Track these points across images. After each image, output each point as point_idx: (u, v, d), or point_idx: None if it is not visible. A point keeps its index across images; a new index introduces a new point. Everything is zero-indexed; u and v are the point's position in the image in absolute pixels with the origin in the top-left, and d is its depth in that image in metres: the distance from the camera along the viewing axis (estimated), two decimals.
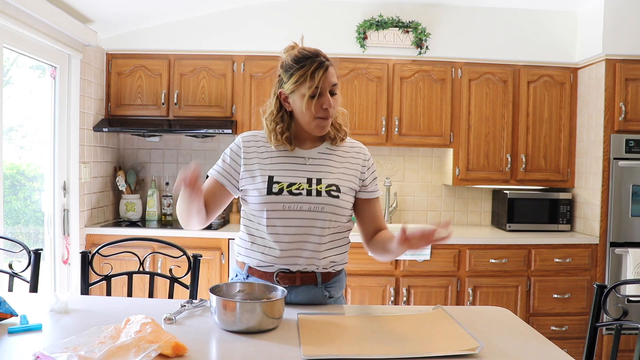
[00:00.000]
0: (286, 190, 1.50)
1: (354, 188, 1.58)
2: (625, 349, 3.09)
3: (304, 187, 1.50)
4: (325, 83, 1.47)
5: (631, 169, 3.30)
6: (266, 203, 1.50)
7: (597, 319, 1.59)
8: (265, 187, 1.51)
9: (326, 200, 1.50)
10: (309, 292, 1.56)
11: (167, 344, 1.12)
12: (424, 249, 1.33)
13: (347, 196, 1.55)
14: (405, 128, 3.55)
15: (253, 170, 1.55)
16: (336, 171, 1.56)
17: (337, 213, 1.52)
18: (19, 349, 1.18)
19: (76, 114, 3.22)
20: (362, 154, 1.63)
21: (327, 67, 1.47)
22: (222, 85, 3.52)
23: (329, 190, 1.52)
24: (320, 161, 1.57)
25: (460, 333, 1.32)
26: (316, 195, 1.50)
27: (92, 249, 2.58)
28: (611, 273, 3.31)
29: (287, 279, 1.54)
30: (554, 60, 3.58)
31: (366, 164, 1.62)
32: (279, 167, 1.54)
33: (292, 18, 3.54)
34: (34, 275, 1.83)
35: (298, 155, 1.57)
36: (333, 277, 1.60)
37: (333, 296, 1.60)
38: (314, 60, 1.47)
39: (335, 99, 1.51)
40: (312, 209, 1.50)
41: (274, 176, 1.52)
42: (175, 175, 3.86)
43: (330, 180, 1.53)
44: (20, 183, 3.01)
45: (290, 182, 1.51)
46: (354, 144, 1.65)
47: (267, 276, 1.55)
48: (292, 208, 1.49)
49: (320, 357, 1.16)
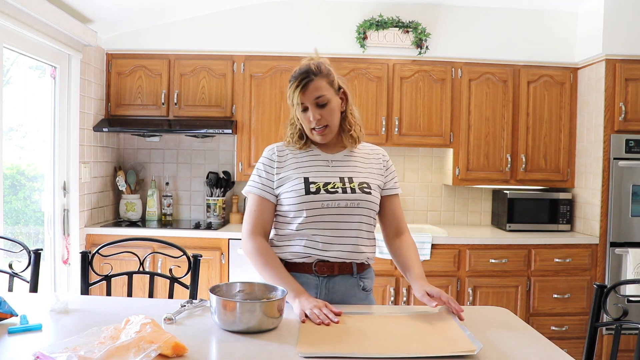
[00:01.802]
0: (323, 190, 1.60)
1: (380, 186, 1.70)
2: (625, 349, 3.09)
3: (338, 186, 1.61)
4: (306, 99, 1.60)
5: (631, 169, 3.30)
6: (305, 202, 1.59)
7: (597, 319, 1.59)
8: (303, 187, 1.60)
9: (361, 197, 1.61)
10: (346, 282, 1.64)
11: (167, 344, 1.12)
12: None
13: (376, 192, 1.67)
14: (405, 128, 3.55)
15: (287, 175, 1.64)
16: (364, 171, 1.68)
17: (371, 208, 1.63)
18: (19, 349, 1.18)
19: (76, 114, 3.22)
20: (381, 155, 1.76)
21: (305, 84, 1.58)
22: (222, 85, 3.52)
23: (362, 187, 1.63)
24: (347, 163, 1.69)
25: (459, 333, 1.32)
26: (351, 192, 1.61)
27: (92, 249, 2.58)
28: (611, 273, 3.31)
29: (325, 268, 1.61)
30: (554, 60, 3.58)
31: (385, 163, 1.74)
32: (311, 169, 1.65)
33: (292, 18, 3.54)
34: (34, 275, 1.83)
35: (325, 158, 1.68)
36: (366, 268, 1.69)
37: (366, 288, 1.68)
38: (296, 79, 1.60)
39: (326, 110, 1.61)
40: (349, 205, 1.59)
41: (309, 177, 1.62)
42: (175, 175, 3.86)
43: (361, 178, 1.66)
44: (20, 183, 3.01)
45: (325, 182, 1.62)
46: (374, 148, 1.78)
47: (306, 268, 1.61)
48: (330, 205, 1.59)
49: (316, 354, 1.17)
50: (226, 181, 3.74)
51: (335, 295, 1.62)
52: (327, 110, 1.61)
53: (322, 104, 1.60)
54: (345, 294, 1.63)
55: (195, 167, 3.88)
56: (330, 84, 1.62)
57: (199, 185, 3.87)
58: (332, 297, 1.61)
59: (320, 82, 1.60)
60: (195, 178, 3.88)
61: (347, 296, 1.63)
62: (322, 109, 1.60)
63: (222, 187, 3.72)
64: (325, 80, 1.61)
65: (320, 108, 1.60)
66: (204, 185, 3.84)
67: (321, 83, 1.60)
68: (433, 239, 3.25)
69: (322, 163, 1.67)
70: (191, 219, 3.86)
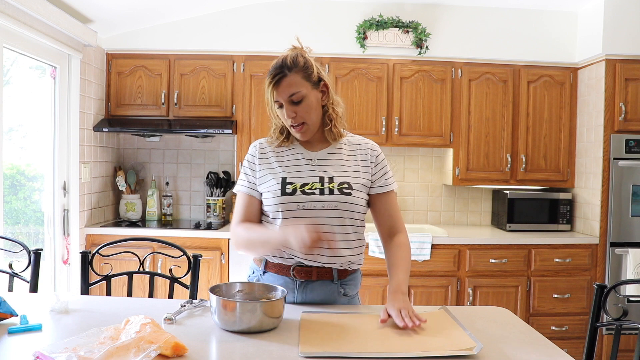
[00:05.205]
0: (299, 190, 1.53)
1: (365, 184, 1.60)
2: (625, 349, 3.09)
3: (316, 187, 1.54)
4: (279, 95, 1.52)
5: (631, 169, 3.30)
6: (281, 204, 1.53)
7: (597, 319, 1.59)
8: (279, 188, 1.54)
9: (339, 198, 1.53)
10: (325, 288, 1.58)
11: (167, 344, 1.12)
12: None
13: (359, 193, 1.57)
14: (405, 128, 3.55)
15: (266, 174, 1.59)
16: (347, 169, 1.59)
17: (350, 210, 1.55)
18: (19, 349, 1.18)
19: (76, 114, 3.22)
20: (369, 149, 1.64)
21: (278, 80, 1.50)
22: (222, 85, 3.52)
23: (341, 187, 1.54)
24: (331, 161, 1.60)
25: (459, 333, 1.32)
26: (329, 193, 1.53)
27: (92, 249, 2.58)
28: (611, 273, 3.31)
29: (303, 273, 1.56)
30: (554, 60, 3.58)
31: (374, 159, 1.63)
32: (291, 169, 1.58)
33: (292, 18, 3.54)
34: (34, 275, 1.83)
35: (308, 157, 1.61)
36: (349, 274, 1.62)
37: (348, 294, 1.62)
38: (270, 74, 1.52)
39: (301, 107, 1.52)
40: (325, 207, 1.52)
41: (287, 177, 1.56)
42: (175, 175, 3.86)
43: (342, 178, 1.57)
44: (20, 183, 3.01)
45: (303, 183, 1.55)
46: (362, 140, 1.67)
47: (284, 270, 1.57)
48: (306, 207, 1.52)
49: (317, 354, 1.17)
50: (226, 181, 3.74)
51: (314, 301, 1.58)
52: (302, 107, 1.52)
53: (297, 101, 1.51)
54: (325, 299, 1.59)
55: (195, 167, 3.88)
56: (306, 78, 1.52)
57: (199, 185, 3.87)
58: (310, 302, 1.58)
59: (295, 77, 1.50)
60: (195, 178, 3.88)
61: (327, 302, 1.59)
62: (297, 105, 1.52)
63: (222, 187, 3.72)
64: (300, 74, 1.51)
65: (294, 105, 1.52)
66: (204, 185, 3.84)
67: (295, 79, 1.50)
68: (433, 239, 3.25)
69: (304, 162, 1.59)
70: (191, 219, 3.86)
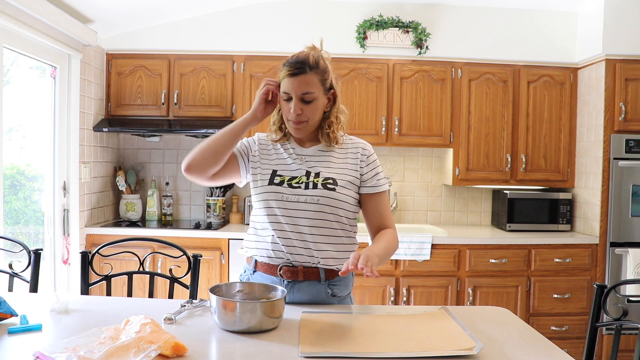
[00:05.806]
0: (286, 183, 1.57)
1: (353, 182, 1.61)
2: (625, 349, 3.09)
3: (303, 181, 1.57)
4: (293, 89, 1.53)
5: (631, 169, 3.30)
6: (267, 192, 1.57)
7: (597, 319, 1.59)
8: (268, 178, 1.59)
9: (322, 193, 1.54)
10: (312, 289, 1.58)
11: (167, 344, 1.12)
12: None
13: (345, 189, 1.58)
14: (405, 128, 3.55)
15: (261, 165, 1.63)
16: (335, 166, 1.60)
17: (334, 206, 1.55)
18: (19, 349, 1.18)
19: (76, 114, 3.22)
20: (360, 148, 1.65)
21: (296, 74, 1.52)
22: (222, 85, 3.52)
23: (325, 183, 1.56)
24: (321, 158, 1.62)
25: (459, 333, 1.32)
26: (312, 187, 1.55)
27: (92, 249, 2.58)
28: (611, 273, 3.31)
29: (290, 273, 1.56)
30: (554, 60, 3.58)
31: (364, 158, 1.64)
32: (282, 162, 1.62)
33: (292, 18, 3.54)
34: (34, 275, 1.83)
35: (299, 153, 1.63)
36: (337, 275, 1.60)
37: (337, 295, 1.61)
38: (290, 66, 1.53)
39: (309, 107, 1.54)
40: (308, 201, 1.54)
41: (278, 170, 1.60)
42: (175, 175, 3.86)
43: (328, 174, 1.58)
44: (20, 183, 3.01)
45: (291, 176, 1.58)
46: (354, 140, 1.68)
47: (272, 270, 1.58)
48: (290, 199, 1.54)
49: (317, 354, 1.17)
50: None
51: (302, 301, 1.57)
52: (310, 108, 1.54)
53: (308, 101, 1.53)
54: (312, 300, 1.58)
55: None
56: (322, 82, 1.55)
57: (198, 185, 3.87)
58: (299, 302, 1.57)
59: (313, 77, 1.52)
60: None
61: (315, 303, 1.58)
62: (306, 105, 1.53)
63: (222, 187, 3.72)
64: (318, 76, 1.53)
65: (304, 103, 1.53)
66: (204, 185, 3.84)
67: (313, 79, 1.52)
68: (433, 239, 3.25)
69: (295, 157, 1.62)
70: (191, 219, 3.86)
